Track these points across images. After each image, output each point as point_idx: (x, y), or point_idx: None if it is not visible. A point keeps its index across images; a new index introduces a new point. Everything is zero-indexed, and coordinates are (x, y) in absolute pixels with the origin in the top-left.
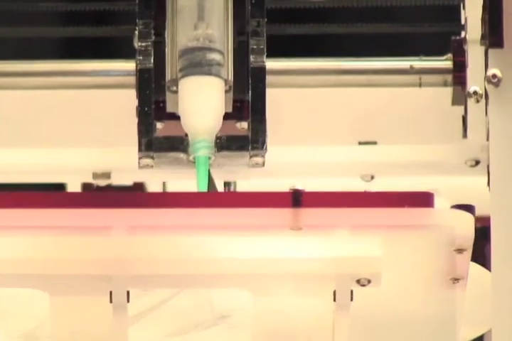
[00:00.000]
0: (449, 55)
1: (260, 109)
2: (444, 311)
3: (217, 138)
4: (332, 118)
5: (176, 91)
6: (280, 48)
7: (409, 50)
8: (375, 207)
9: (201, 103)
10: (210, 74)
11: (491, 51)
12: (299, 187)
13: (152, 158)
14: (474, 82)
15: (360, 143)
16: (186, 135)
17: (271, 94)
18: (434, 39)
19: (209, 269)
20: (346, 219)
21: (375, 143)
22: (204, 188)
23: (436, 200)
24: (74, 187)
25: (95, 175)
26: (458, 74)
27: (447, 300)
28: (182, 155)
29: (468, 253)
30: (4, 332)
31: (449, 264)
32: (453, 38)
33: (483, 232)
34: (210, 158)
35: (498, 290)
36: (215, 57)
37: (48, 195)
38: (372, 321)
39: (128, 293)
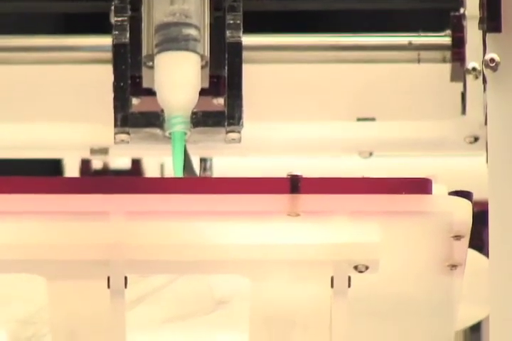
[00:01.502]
0: (448, 31)
1: (236, 84)
2: (441, 297)
3: (193, 113)
4: (330, 94)
5: (152, 67)
6: (277, 24)
7: (408, 26)
8: (373, 193)
9: (177, 78)
10: (186, 49)
11: (489, 35)
12: (297, 172)
13: (128, 133)
14: (473, 58)
15: (358, 120)
16: (162, 111)
17: (265, 70)
18: (433, 15)
19: (207, 255)
20: (344, 206)
21: (373, 119)
22: (180, 164)
23: (435, 186)
24: (71, 162)
25: (93, 151)
26: (457, 50)
27: (445, 286)
28: (158, 131)
29: (466, 240)
30: (2, 317)
31: (447, 251)
32: (452, 13)
33: (481, 216)
34: (186, 133)
35: (496, 276)
36: (191, 32)
37: (45, 180)
38: (369, 307)
39: (126, 278)
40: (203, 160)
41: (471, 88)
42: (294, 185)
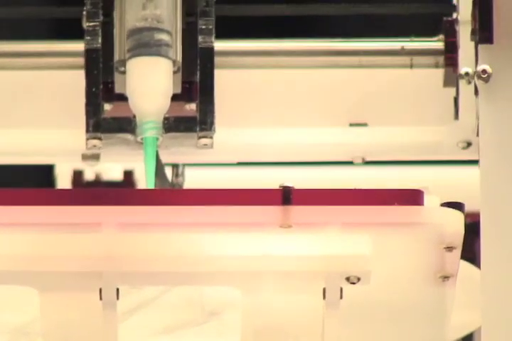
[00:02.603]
0: (441, 36)
1: (209, 89)
2: (433, 309)
3: (165, 119)
4: (323, 99)
5: (125, 72)
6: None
7: (400, 31)
8: (364, 205)
9: (149, 84)
10: (158, 54)
11: (481, 47)
12: (289, 184)
13: (100, 139)
14: (466, 64)
15: (351, 125)
16: (134, 116)
17: (255, 75)
18: (425, 20)
19: (199, 267)
20: (336, 217)
21: (365, 124)
22: (152, 169)
23: (426, 198)
24: (63, 168)
25: (84, 157)
26: (449, 55)
27: (437, 297)
28: (130, 137)
29: (458, 251)
30: None
31: (439, 262)
32: (444, 18)
33: (473, 228)
34: (158, 139)
35: (488, 287)
36: (164, 37)
37: (37, 191)
38: (361, 319)
39: (117, 290)
40: (174, 166)
41: (463, 93)
42: (286, 196)
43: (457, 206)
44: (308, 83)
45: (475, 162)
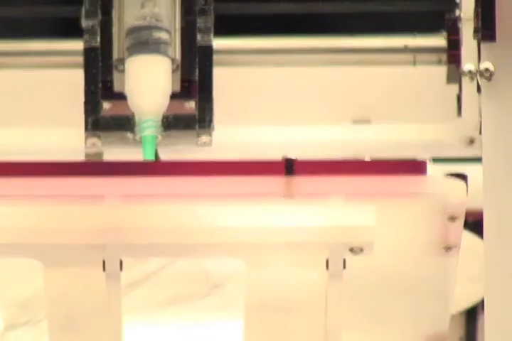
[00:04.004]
0: (444, 33)
1: (207, 87)
2: (436, 279)
3: (165, 117)
4: (326, 97)
5: (123, 71)
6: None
7: (403, 29)
8: (368, 176)
9: (148, 82)
10: (157, 53)
11: (483, 45)
12: (292, 155)
13: (99, 137)
14: (469, 60)
15: (354, 122)
16: (133, 114)
17: (254, 73)
18: (428, 17)
19: (202, 238)
20: (339, 188)
21: (369, 122)
22: None
23: (429, 168)
24: None
25: (88, 156)
26: (452, 52)
27: (440, 268)
28: (129, 135)
29: (461, 222)
30: None
31: (442, 232)
32: (447, 16)
33: (476, 227)
34: (156, 137)
35: (491, 258)
36: (162, 36)
37: (41, 163)
38: (364, 289)
39: (121, 262)
40: None
41: (466, 90)
42: (289, 167)
43: (460, 176)
44: (311, 81)
45: (478, 159)
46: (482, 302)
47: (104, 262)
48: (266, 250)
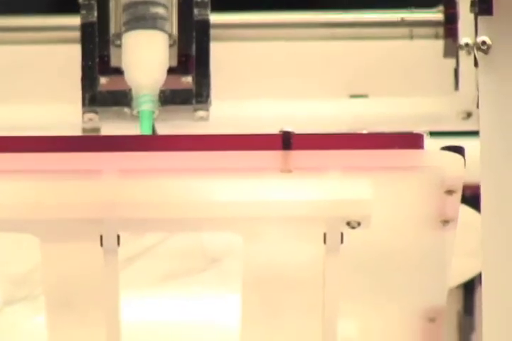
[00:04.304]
0: (441, 7)
1: (204, 62)
2: (434, 253)
3: (162, 92)
4: (323, 71)
5: (120, 46)
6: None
7: (400, 3)
8: (365, 149)
9: (145, 57)
10: (154, 28)
11: (480, 18)
12: (289, 128)
13: (96, 112)
14: (466, 34)
15: (351, 96)
16: (130, 89)
17: (251, 48)
18: None
19: (199, 213)
20: (336, 161)
21: (366, 96)
22: None
23: (427, 141)
24: None
25: (85, 131)
26: (449, 26)
27: (437, 242)
28: (126, 110)
29: (458, 195)
30: None
31: (439, 206)
32: None
33: (474, 200)
34: (154, 112)
35: (488, 232)
36: (159, 11)
37: (37, 138)
38: (362, 263)
39: (118, 236)
40: None
41: (463, 64)
42: (286, 141)
43: (457, 150)
44: (308, 55)
45: (475, 133)
46: (480, 276)
47: (101, 237)
48: (263, 224)
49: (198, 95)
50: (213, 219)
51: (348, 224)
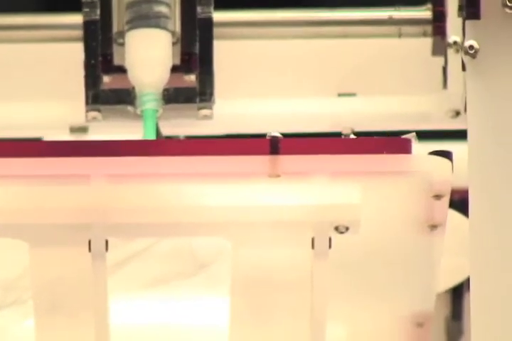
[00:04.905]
0: (429, 5)
1: (208, 60)
2: (422, 258)
3: (165, 90)
4: (311, 70)
5: (123, 44)
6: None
7: (388, 0)
8: (353, 154)
9: (148, 56)
10: (157, 26)
11: (468, 22)
12: (276, 134)
13: (99, 111)
14: (454, 32)
15: (339, 95)
16: (134, 88)
17: (244, 46)
18: None
19: (188, 217)
20: (324, 166)
21: (354, 94)
22: None
23: (414, 146)
24: None
25: (72, 129)
26: (438, 24)
27: (425, 247)
28: (129, 108)
29: (446, 200)
30: None
31: (427, 211)
32: None
33: (462, 205)
34: (157, 111)
35: (476, 237)
36: (162, 9)
37: (25, 143)
38: (350, 268)
39: (107, 241)
40: (175, 138)
41: (452, 62)
42: (274, 146)
43: (445, 154)
44: (296, 53)
45: (463, 132)
46: (468, 281)
47: (89, 242)
48: (251, 229)
49: (202, 93)
50: (201, 224)
51: (337, 229)
